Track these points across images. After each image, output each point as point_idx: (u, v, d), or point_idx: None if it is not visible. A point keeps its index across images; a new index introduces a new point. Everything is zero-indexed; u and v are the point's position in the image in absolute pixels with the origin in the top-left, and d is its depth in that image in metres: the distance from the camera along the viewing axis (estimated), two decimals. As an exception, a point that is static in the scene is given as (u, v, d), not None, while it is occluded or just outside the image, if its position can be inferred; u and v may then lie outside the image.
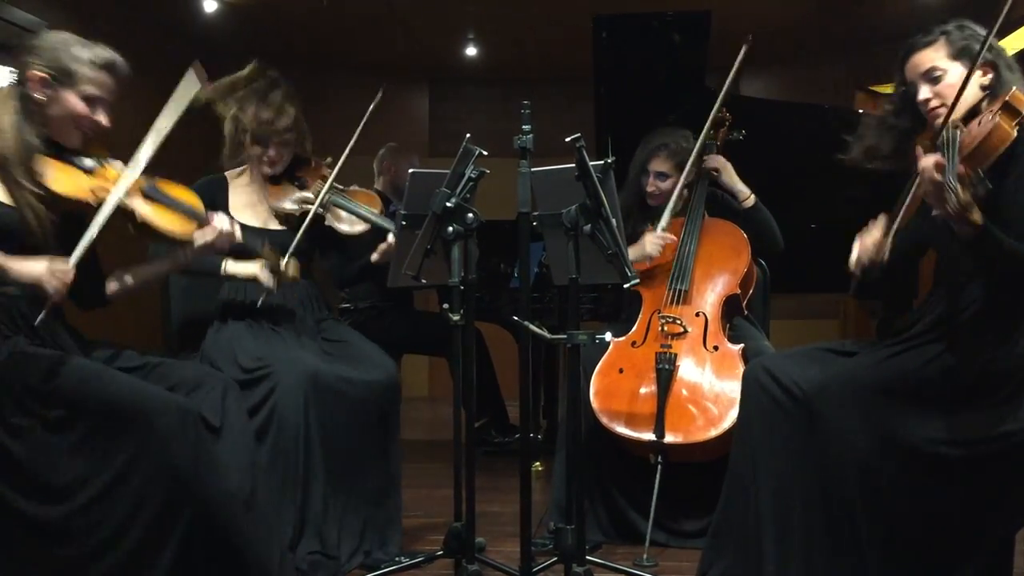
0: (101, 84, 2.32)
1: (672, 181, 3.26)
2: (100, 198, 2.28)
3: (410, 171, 2.62)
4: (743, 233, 3.17)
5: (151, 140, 2.35)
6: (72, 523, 2.12)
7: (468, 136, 2.45)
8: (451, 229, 2.41)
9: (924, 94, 2.22)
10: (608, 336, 2.70)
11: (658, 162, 3.28)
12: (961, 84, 2.08)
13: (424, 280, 2.47)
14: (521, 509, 2.33)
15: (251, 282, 2.82)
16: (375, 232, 2.98)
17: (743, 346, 2.96)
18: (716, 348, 2.96)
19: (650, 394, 2.90)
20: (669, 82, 4.63)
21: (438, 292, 4.13)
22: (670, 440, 2.82)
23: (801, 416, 2.22)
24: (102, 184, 2.31)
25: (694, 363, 2.94)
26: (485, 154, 2.45)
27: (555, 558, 2.47)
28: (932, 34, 2.23)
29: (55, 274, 2.13)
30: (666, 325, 3.01)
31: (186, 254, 2.51)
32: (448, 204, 2.39)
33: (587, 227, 2.29)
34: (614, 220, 2.30)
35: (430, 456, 4.49)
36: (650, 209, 3.32)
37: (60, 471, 2.12)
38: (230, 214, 2.85)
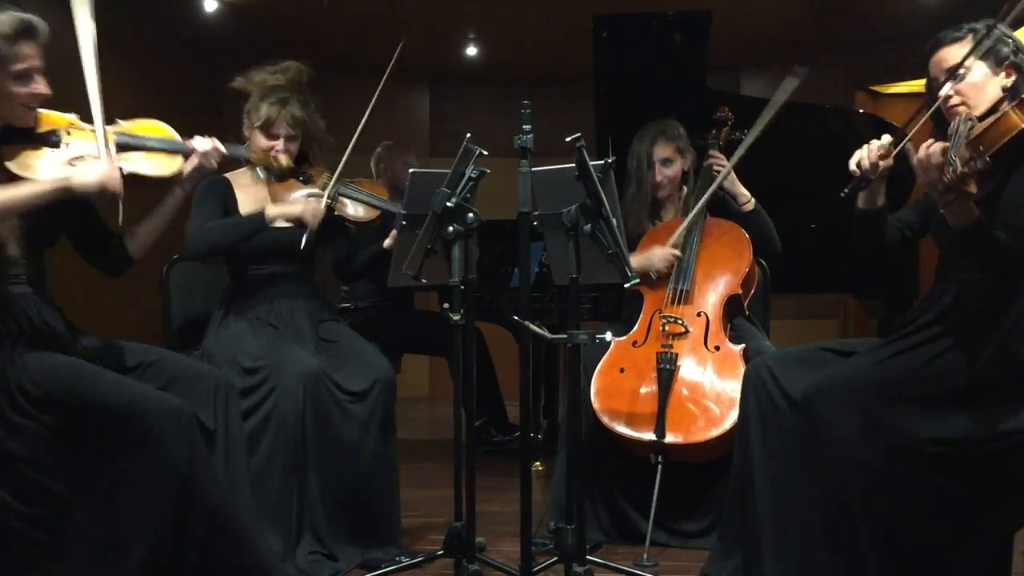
0: (24, 56, 2.18)
1: (676, 168, 3.28)
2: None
3: (410, 171, 2.63)
4: (745, 233, 3.16)
5: (91, 85, 2.27)
6: (69, 524, 2.11)
7: (468, 136, 2.45)
8: (451, 229, 2.41)
9: (946, 91, 2.21)
10: (608, 336, 2.70)
11: (660, 149, 3.29)
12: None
13: (424, 280, 2.47)
14: (521, 509, 2.33)
15: (294, 227, 2.85)
16: (382, 226, 3.02)
17: (744, 346, 2.96)
18: (717, 348, 2.96)
19: (651, 394, 2.90)
20: (669, 82, 4.64)
21: (438, 292, 4.13)
22: (671, 440, 2.82)
23: (800, 416, 2.22)
24: (74, 153, 2.29)
25: (695, 363, 2.94)
26: (485, 154, 2.45)
27: (555, 558, 2.47)
28: (960, 31, 2.23)
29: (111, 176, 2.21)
30: (667, 325, 3.01)
31: (183, 186, 2.53)
32: (448, 204, 2.39)
33: (587, 227, 2.29)
34: (614, 220, 2.30)
35: (430, 456, 4.48)
36: (656, 205, 3.32)
37: (57, 473, 2.12)
38: (239, 214, 2.88)
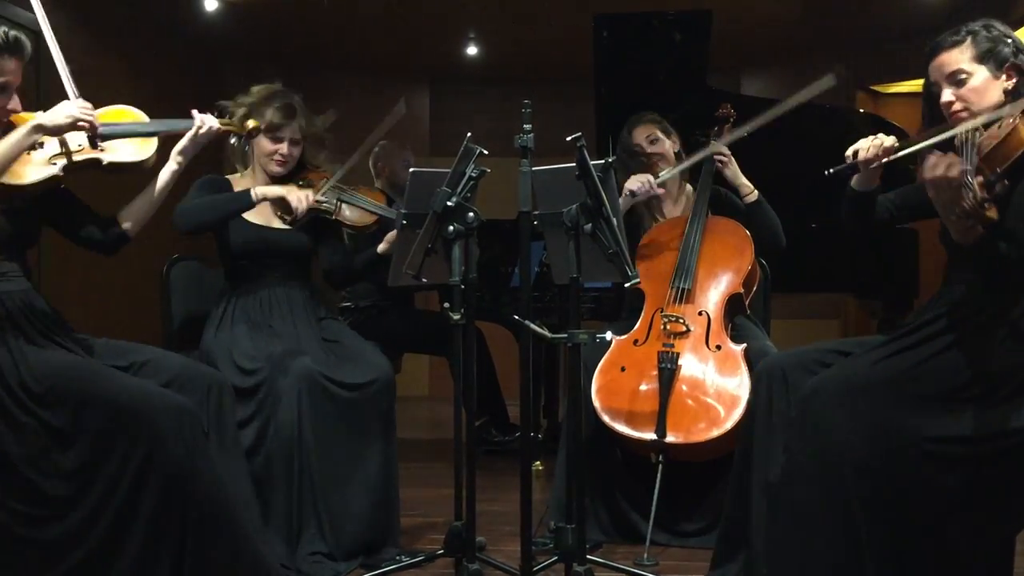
0: (6, 71, 2.20)
1: (664, 144, 3.29)
2: (61, 163, 2.30)
3: (411, 170, 2.62)
4: (747, 232, 3.16)
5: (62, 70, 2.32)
6: (70, 522, 2.12)
7: (469, 135, 2.45)
8: (452, 228, 2.41)
9: (947, 96, 2.18)
10: (609, 335, 2.70)
11: (640, 131, 3.30)
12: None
13: (425, 279, 2.47)
14: (521, 508, 2.33)
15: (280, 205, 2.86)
16: (379, 231, 3.01)
17: (745, 346, 2.95)
18: (719, 347, 2.96)
19: (652, 393, 2.90)
20: (670, 81, 4.64)
21: (439, 291, 4.13)
22: (671, 439, 2.82)
23: (800, 416, 2.21)
24: (54, 150, 2.31)
25: (696, 362, 2.94)
26: (486, 153, 2.45)
27: (556, 557, 2.47)
28: (959, 34, 2.19)
29: (80, 107, 2.23)
30: (668, 324, 3.01)
31: (179, 160, 2.55)
32: (449, 203, 2.39)
33: (588, 226, 2.29)
34: (615, 219, 2.30)
35: (430, 456, 4.48)
36: (657, 202, 3.32)
37: (58, 471, 2.12)
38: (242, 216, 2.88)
